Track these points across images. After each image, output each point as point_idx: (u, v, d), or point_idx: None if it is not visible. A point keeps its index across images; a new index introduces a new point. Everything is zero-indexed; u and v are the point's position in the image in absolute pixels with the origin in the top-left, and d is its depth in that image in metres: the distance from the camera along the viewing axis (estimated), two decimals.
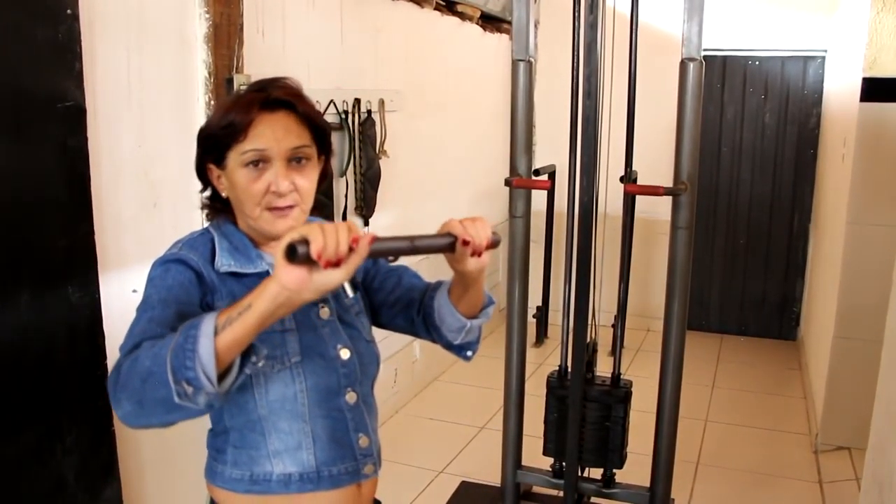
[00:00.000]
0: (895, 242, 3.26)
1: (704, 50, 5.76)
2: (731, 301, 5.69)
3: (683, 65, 2.52)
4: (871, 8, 3.33)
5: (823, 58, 5.15)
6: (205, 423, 1.38)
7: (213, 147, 1.30)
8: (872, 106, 3.37)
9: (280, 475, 1.34)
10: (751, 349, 5.37)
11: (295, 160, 1.29)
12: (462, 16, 4.49)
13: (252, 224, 1.31)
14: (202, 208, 1.41)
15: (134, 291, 2.24)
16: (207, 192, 1.39)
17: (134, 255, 2.24)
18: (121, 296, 2.19)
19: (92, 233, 2.08)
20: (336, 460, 1.38)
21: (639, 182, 3.99)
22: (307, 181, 1.30)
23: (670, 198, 2.61)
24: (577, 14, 2.64)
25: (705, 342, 5.45)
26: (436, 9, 4.16)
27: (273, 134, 1.26)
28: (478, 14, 4.66)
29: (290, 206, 1.28)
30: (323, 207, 3.10)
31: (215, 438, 1.40)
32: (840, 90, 4.34)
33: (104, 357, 2.11)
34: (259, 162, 1.26)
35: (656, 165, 3.66)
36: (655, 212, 4.60)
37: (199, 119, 2.46)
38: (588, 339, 2.68)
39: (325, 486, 1.37)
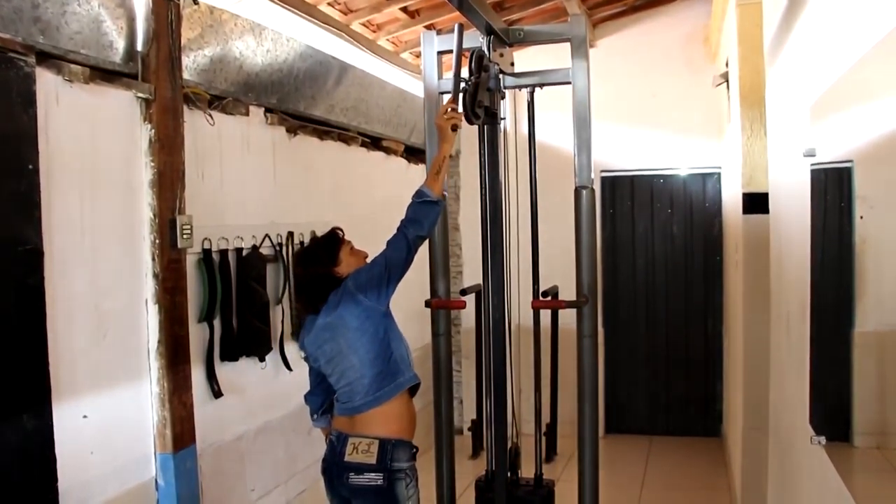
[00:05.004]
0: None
1: (614, 171, 6.19)
2: (657, 403, 5.99)
3: (577, 192, 2.87)
4: (742, 134, 3.83)
5: (719, 173, 5.71)
6: None
7: None
8: (752, 217, 3.81)
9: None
10: (678, 448, 5.63)
11: None
12: (387, 150, 4.87)
13: None
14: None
15: (84, 417, 2.41)
16: None
17: (85, 383, 2.41)
18: (72, 421, 2.36)
19: (46, 364, 2.26)
20: None
21: (560, 296, 4.31)
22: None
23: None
24: (481, 152, 3.01)
25: (634, 444, 5.70)
26: (362, 145, 4.54)
27: None
28: (402, 148, 5.05)
29: None
30: (260, 333, 3.32)
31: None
32: (730, 203, 4.84)
33: (55, 480, 2.26)
34: None
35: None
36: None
37: (146, 256, 2.71)
38: (510, 445, 2.90)
39: None
